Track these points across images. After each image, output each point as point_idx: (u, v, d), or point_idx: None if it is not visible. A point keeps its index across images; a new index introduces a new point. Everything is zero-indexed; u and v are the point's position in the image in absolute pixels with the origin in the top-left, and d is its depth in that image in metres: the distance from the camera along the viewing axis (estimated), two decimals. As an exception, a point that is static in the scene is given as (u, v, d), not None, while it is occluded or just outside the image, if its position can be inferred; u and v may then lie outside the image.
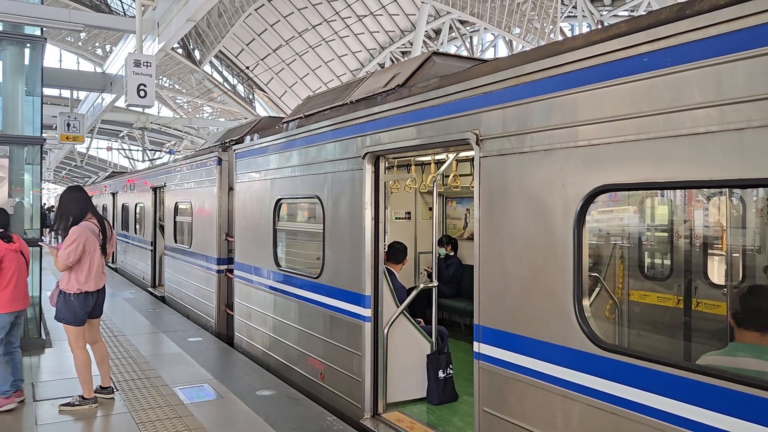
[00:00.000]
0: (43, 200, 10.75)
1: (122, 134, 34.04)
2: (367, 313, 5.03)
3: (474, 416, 3.83)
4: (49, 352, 7.47)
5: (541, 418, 3.32)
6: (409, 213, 8.71)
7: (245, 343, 7.69)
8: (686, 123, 2.59)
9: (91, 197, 5.86)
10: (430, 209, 8.66)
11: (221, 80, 36.59)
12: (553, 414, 3.24)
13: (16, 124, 8.01)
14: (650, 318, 4.91)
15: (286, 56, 34.30)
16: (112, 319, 9.48)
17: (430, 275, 7.00)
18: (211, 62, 35.33)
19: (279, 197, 6.69)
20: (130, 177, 16.62)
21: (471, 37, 28.24)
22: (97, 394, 5.54)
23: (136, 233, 14.98)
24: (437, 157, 6.32)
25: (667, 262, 4.99)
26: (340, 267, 5.42)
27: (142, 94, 9.04)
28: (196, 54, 34.61)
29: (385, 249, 5.24)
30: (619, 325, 4.74)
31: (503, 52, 26.87)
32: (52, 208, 31.03)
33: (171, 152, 29.05)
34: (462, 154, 5.93)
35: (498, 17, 22.84)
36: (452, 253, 8.32)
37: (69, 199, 5.47)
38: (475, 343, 3.80)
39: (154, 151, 29.39)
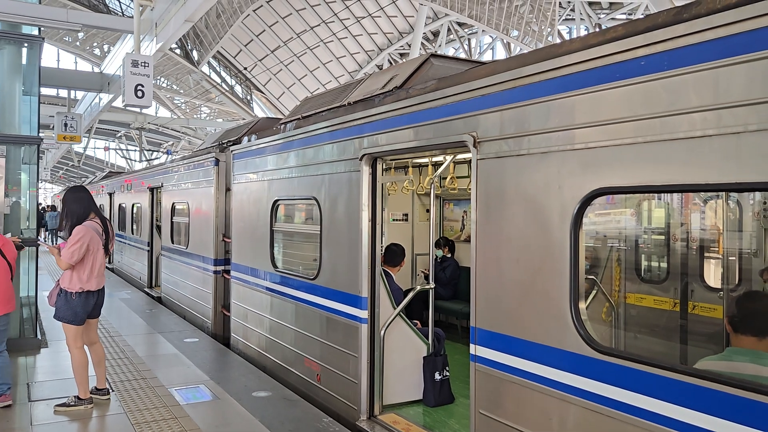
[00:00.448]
0: (39, 200, 10.72)
1: (120, 134, 34.02)
2: (364, 314, 5.02)
3: (470, 418, 3.83)
4: (45, 352, 7.44)
5: (537, 421, 3.32)
6: (407, 215, 8.72)
7: (242, 344, 7.68)
8: (683, 126, 2.60)
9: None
10: (428, 211, 8.66)
11: (219, 81, 36.52)
12: (549, 417, 3.24)
13: (13, 124, 8.00)
14: (646, 321, 4.91)
15: (285, 57, 34.32)
16: (108, 319, 9.45)
17: (427, 277, 6.99)
18: (209, 63, 35.26)
19: (276, 198, 6.68)
20: (127, 177, 16.59)
21: (469, 40, 28.30)
22: (92, 395, 5.53)
23: (132, 233, 14.96)
24: (435, 159, 6.32)
25: (664, 265, 5.00)
26: (337, 268, 5.42)
27: (139, 94, 9.02)
28: (194, 54, 34.55)
29: (382, 251, 5.23)
30: (615, 328, 4.74)
31: (501, 54, 26.91)
32: (48, 208, 30.98)
33: (169, 152, 29.01)
34: (459, 156, 5.93)
35: (496, 20, 22.86)
36: (449, 255, 8.32)
37: (73, 198, 5.48)
38: (472, 346, 3.80)
39: (151, 152, 29.39)
